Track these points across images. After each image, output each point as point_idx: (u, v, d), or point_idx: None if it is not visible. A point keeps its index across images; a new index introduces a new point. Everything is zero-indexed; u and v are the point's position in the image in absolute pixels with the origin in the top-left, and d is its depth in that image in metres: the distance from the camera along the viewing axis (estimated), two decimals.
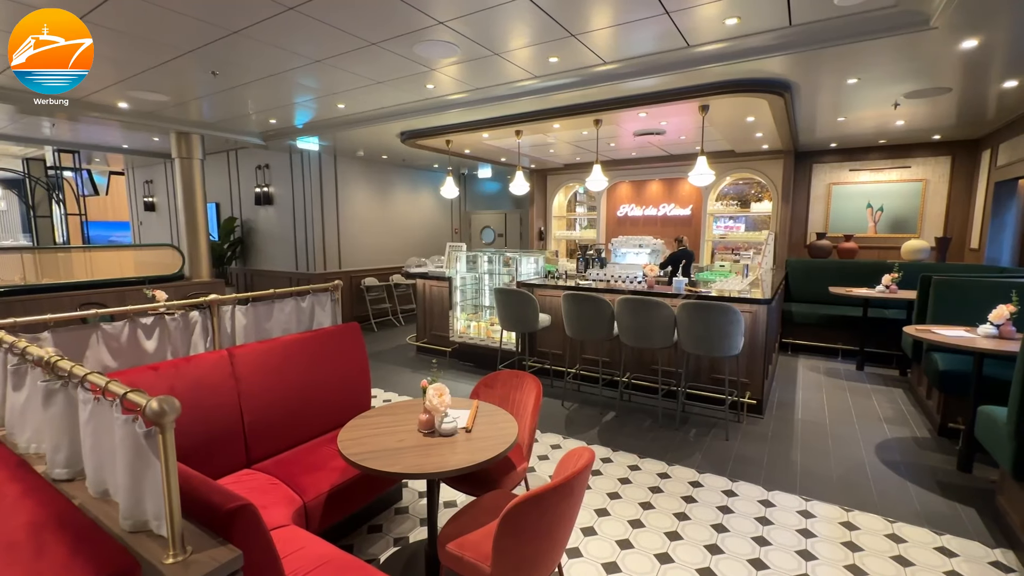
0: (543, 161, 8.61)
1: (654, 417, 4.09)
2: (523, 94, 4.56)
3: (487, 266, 6.01)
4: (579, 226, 10.18)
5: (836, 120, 5.37)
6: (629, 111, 4.78)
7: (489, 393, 2.74)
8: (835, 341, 5.99)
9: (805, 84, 4.08)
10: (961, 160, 6.45)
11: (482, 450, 1.91)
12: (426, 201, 9.86)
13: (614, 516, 2.69)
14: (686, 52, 3.60)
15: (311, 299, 2.92)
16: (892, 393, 4.70)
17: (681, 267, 6.43)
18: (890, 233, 6.93)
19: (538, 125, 5.39)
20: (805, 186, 7.43)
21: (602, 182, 5.29)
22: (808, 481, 3.06)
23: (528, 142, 6.75)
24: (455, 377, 5.27)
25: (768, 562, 2.32)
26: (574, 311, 4.19)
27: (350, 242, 8.14)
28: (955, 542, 2.47)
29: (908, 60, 3.50)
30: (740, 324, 3.56)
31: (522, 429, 2.44)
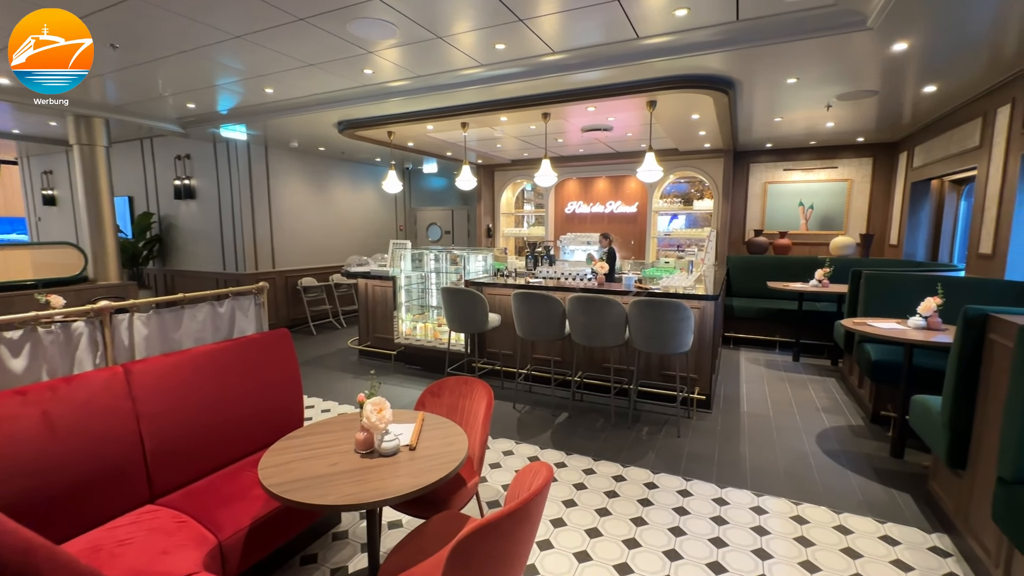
0: (490, 156, 8.42)
1: (607, 416, 4.03)
2: (469, 83, 4.35)
3: (434, 264, 5.76)
4: (527, 223, 10.09)
5: (773, 120, 5.56)
6: (577, 105, 4.68)
7: (436, 403, 2.53)
8: (773, 334, 6.22)
9: (748, 82, 4.14)
10: (881, 161, 6.90)
11: (428, 471, 1.71)
12: (368, 197, 9.41)
13: (571, 526, 2.56)
14: (635, 44, 3.53)
15: (231, 304, 2.58)
16: (826, 383, 4.91)
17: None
18: (820, 230, 7.32)
19: (485, 117, 5.20)
20: (743, 185, 7.71)
21: (551, 178, 5.18)
22: (758, 476, 3.08)
23: (475, 136, 6.54)
24: (400, 382, 4.99)
25: (726, 564, 2.27)
26: (525, 310, 4.05)
27: (285, 240, 7.60)
28: (896, 530, 2.54)
29: (843, 61, 3.61)
30: (690, 321, 3.54)
31: (472, 441, 2.25)
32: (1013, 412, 1.84)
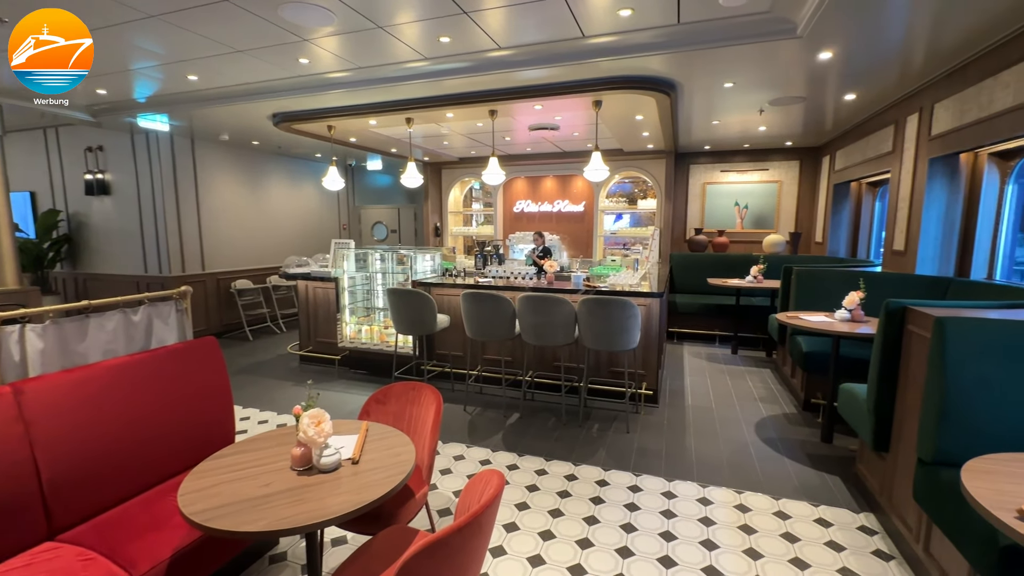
0: (437, 154, 8.26)
1: (558, 415, 4.03)
2: (413, 77, 4.21)
3: (379, 265, 5.55)
4: (476, 222, 10.00)
5: (711, 123, 5.78)
6: (524, 103, 4.65)
7: (381, 410, 2.41)
8: (713, 328, 6.50)
9: (688, 85, 4.27)
10: (807, 164, 7.37)
11: (372, 485, 1.60)
12: (308, 194, 8.97)
13: (524, 530, 2.52)
14: (580, 43, 3.53)
15: (147, 311, 2.33)
16: (762, 373, 5.17)
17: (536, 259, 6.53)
18: (754, 228, 7.72)
19: (430, 113, 5.07)
20: (684, 185, 8.00)
21: (499, 176, 5.13)
22: (703, 467, 3.18)
23: (420, 132, 6.38)
24: (345, 388, 4.77)
25: (676, 558, 2.30)
26: (474, 311, 3.97)
27: (216, 240, 7.09)
28: (829, 512, 2.68)
29: (775, 67, 3.79)
30: (637, 318, 3.60)
31: (420, 450, 2.15)
32: (930, 398, 1.97)
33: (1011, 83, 3.02)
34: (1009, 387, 1.81)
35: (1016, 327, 1.89)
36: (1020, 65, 2.94)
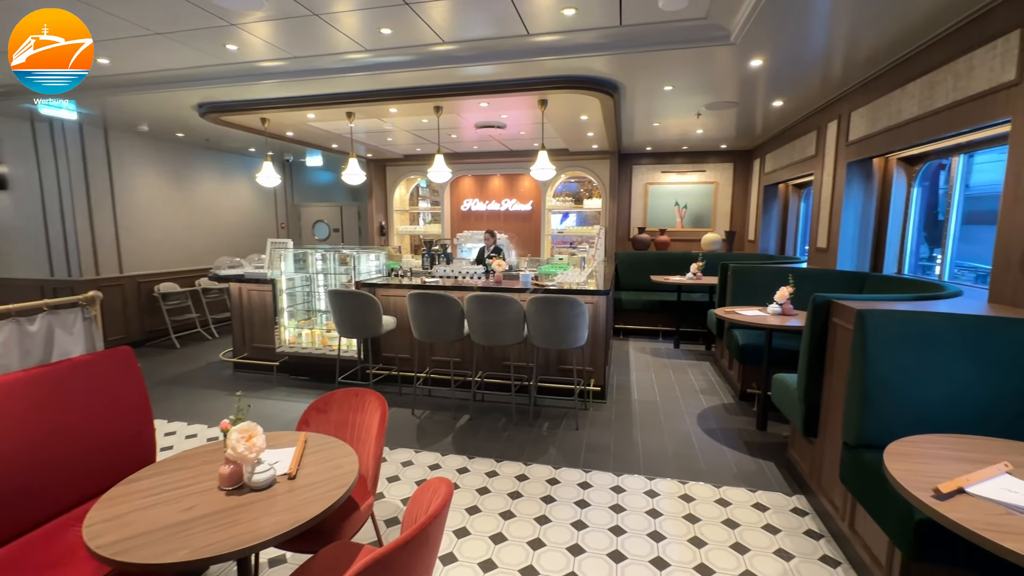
0: (381, 150, 8.02)
1: (508, 415, 4.01)
2: (353, 69, 4.04)
3: (320, 265, 5.31)
4: (423, 221, 9.82)
5: (652, 125, 5.96)
6: (470, 99, 4.59)
7: (322, 420, 2.28)
8: (657, 324, 6.72)
9: (630, 86, 4.37)
10: (740, 166, 7.78)
11: (311, 502, 1.50)
12: (241, 191, 8.45)
13: (475, 534, 2.47)
14: (526, 41, 3.52)
15: (46, 320, 2.08)
16: (702, 366, 5.40)
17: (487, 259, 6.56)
18: (693, 227, 8.06)
19: (372, 108, 4.89)
20: (627, 185, 8.22)
21: (445, 173, 5.04)
22: (650, 460, 3.26)
23: (362, 127, 6.16)
24: (284, 396, 4.51)
25: (625, 552, 2.34)
26: (421, 311, 3.87)
27: (136, 240, 6.51)
28: (765, 496, 2.82)
29: (711, 72, 3.95)
30: (585, 315, 3.64)
31: (364, 460, 2.06)
32: (854, 385, 2.11)
33: (916, 94, 3.30)
34: (922, 373, 1.96)
35: (925, 318, 2.05)
36: (923, 78, 3.21)
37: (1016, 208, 2.46)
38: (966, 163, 3.55)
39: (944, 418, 1.89)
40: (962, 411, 1.90)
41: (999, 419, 1.85)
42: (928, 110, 3.15)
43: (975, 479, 1.33)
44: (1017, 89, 2.46)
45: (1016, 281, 2.45)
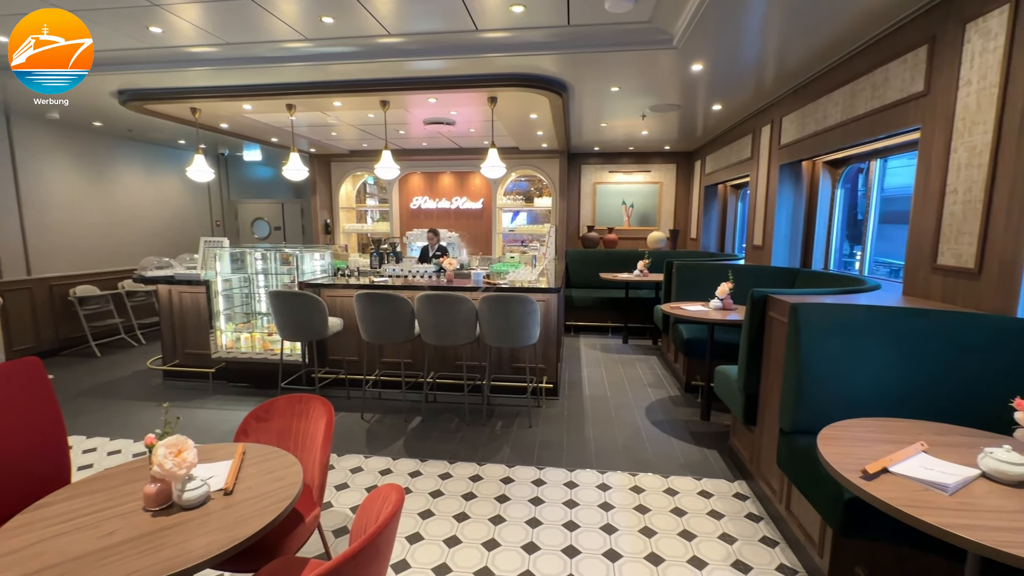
0: (325, 145, 7.71)
1: (462, 415, 3.96)
2: (293, 59, 3.85)
3: (260, 265, 5.03)
4: (372, 219, 9.55)
5: (600, 125, 6.08)
6: (418, 95, 4.50)
7: (263, 428, 2.15)
8: (606, 320, 6.88)
9: (579, 86, 4.43)
10: (682, 167, 8.10)
11: (249, 518, 1.40)
12: (170, 186, 7.88)
13: (428, 539, 2.42)
14: (474, 37, 3.48)
15: None
16: (650, 360, 5.58)
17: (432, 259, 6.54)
18: (640, 226, 8.31)
19: (315, 100, 4.69)
20: (577, 184, 8.36)
21: (392, 170, 4.91)
22: (601, 454, 3.32)
23: (305, 120, 5.89)
24: (221, 405, 4.25)
25: (579, 546, 2.36)
26: (370, 312, 3.75)
27: (46, 239, 5.92)
28: (709, 483, 2.95)
29: (655, 75, 4.07)
30: (537, 313, 3.66)
31: (310, 469, 1.96)
32: (789, 375, 2.23)
33: (840, 102, 3.55)
34: (848, 362, 2.10)
35: (850, 310, 2.20)
36: (846, 87, 3.46)
37: (925, 209, 2.69)
38: (882, 167, 3.86)
39: (869, 403, 2.03)
40: (884, 396, 2.06)
41: (915, 402, 2.02)
42: (850, 117, 3.39)
43: (897, 459, 1.43)
44: (926, 99, 2.69)
45: (926, 275, 2.69)
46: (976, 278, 2.34)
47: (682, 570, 2.20)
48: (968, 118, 2.38)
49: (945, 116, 2.53)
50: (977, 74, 2.33)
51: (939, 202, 2.57)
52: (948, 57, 2.52)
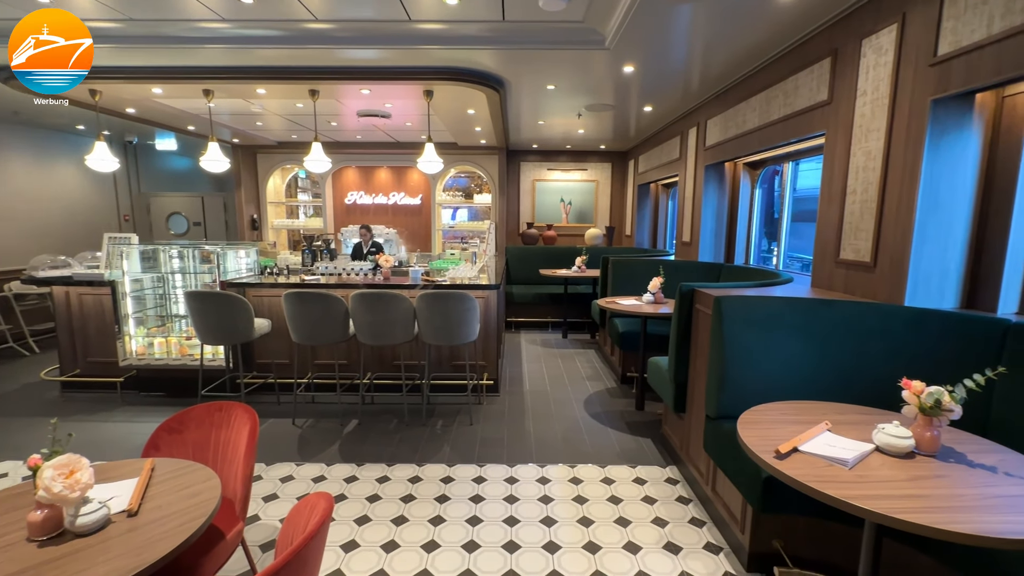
0: (250, 135, 7.24)
1: (400, 416, 3.87)
2: (210, 40, 3.57)
3: (177, 263, 4.64)
4: (304, 214, 9.09)
5: (537, 123, 6.14)
6: (350, 85, 4.32)
7: (176, 441, 1.98)
8: (546, 315, 6.98)
9: (515, 83, 4.44)
10: (617, 166, 8.36)
11: (158, 540, 1.28)
12: (68, 177, 7.08)
13: (365, 546, 2.33)
14: (408, 27, 3.39)
15: None
16: (588, 354, 5.72)
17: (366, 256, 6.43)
18: (577, 223, 8.50)
19: (235, 86, 4.38)
20: (516, 181, 8.40)
21: (324, 163, 4.69)
22: (541, 448, 3.36)
23: (225, 108, 5.50)
24: (132, 417, 3.88)
25: (520, 541, 2.38)
26: (300, 312, 3.56)
27: None
28: (643, 470, 3.07)
29: (589, 75, 4.16)
30: (476, 310, 3.64)
31: (231, 482, 1.83)
32: (713, 364, 2.36)
33: (757, 107, 3.79)
34: (766, 350, 2.25)
35: (767, 302, 2.36)
36: (762, 94, 3.70)
37: (829, 208, 2.94)
38: (794, 169, 4.18)
39: (784, 387, 2.19)
40: (796, 380, 2.22)
41: (823, 384, 2.20)
42: (766, 122, 3.64)
43: (805, 438, 1.55)
44: (829, 107, 2.93)
45: (831, 269, 2.94)
46: (872, 271, 2.58)
47: (618, 556, 2.27)
48: (864, 125, 2.63)
49: (845, 123, 2.77)
50: (871, 85, 2.57)
51: (841, 202, 2.82)
52: (848, 69, 2.77)
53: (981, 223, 2.32)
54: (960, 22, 2.08)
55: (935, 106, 2.23)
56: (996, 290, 2.27)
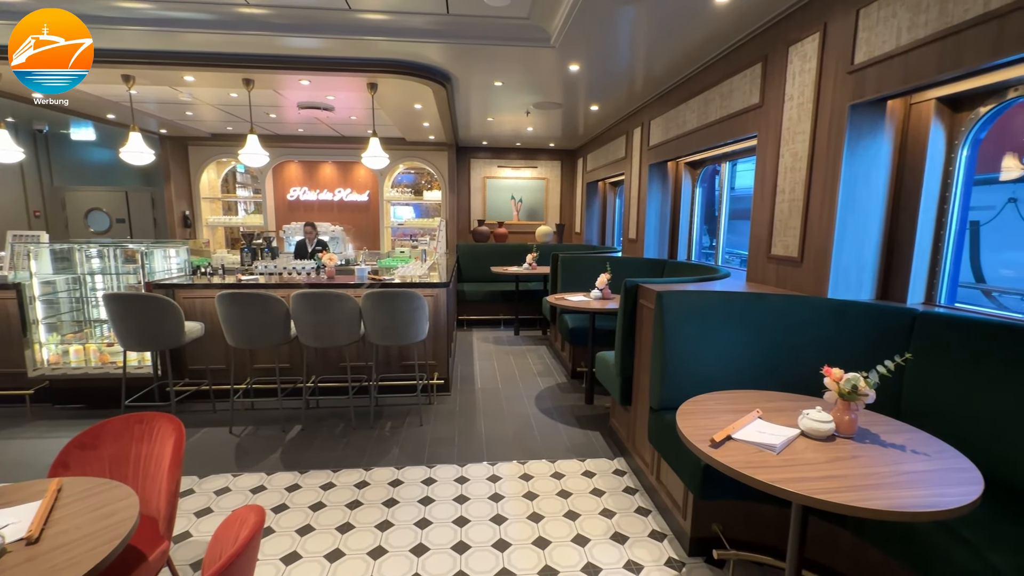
0: (180, 126, 6.77)
1: (347, 419, 3.75)
2: (131, 21, 3.30)
3: (97, 264, 4.28)
4: (243, 210, 8.62)
5: (486, 120, 6.11)
6: (288, 75, 4.12)
7: (90, 458, 1.81)
8: (498, 313, 6.98)
9: (463, 79, 4.39)
10: (567, 164, 8.48)
11: (63, 568, 1.16)
12: None
13: (307, 557, 2.24)
14: (349, 16, 3.27)
15: None
16: (539, 351, 5.77)
17: (311, 254, 6.25)
18: (528, 220, 8.55)
19: (160, 73, 4.07)
20: (466, 178, 8.34)
21: (260, 157, 4.45)
22: (492, 446, 3.35)
23: (150, 96, 5.12)
24: (43, 433, 3.54)
25: (469, 541, 2.35)
26: (235, 314, 3.37)
27: None
28: (592, 463, 3.12)
29: (536, 72, 4.17)
30: (424, 309, 3.57)
31: (154, 499, 1.70)
32: (656, 357, 2.43)
33: (696, 109, 3.94)
34: (705, 342, 2.34)
35: (706, 296, 2.46)
36: (701, 96, 3.85)
37: (762, 206, 3.10)
38: (731, 169, 4.38)
39: (721, 378, 2.29)
40: (733, 371, 2.33)
41: (757, 374, 2.31)
42: (704, 123, 3.79)
43: (738, 427, 1.62)
44: (761, 111, 3.08)
45: (764, 264, 3.10)
46: (799, 266, 2.74)
47: (566, 549, 2.30)
48: (791, 128, 2.78)
49: (775, 126, 2.93)
50: (797, 90, 2.73)
51: (772, 201, 2.98)
52: (777, 75, 2.92)
53: (893, 221, 2.51)
54: (873, 33, 2.24)
55: (853, 111, 2.39)
56: (906, 282, 2.47)
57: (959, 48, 1.87)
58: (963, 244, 2.46)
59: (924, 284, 2.48)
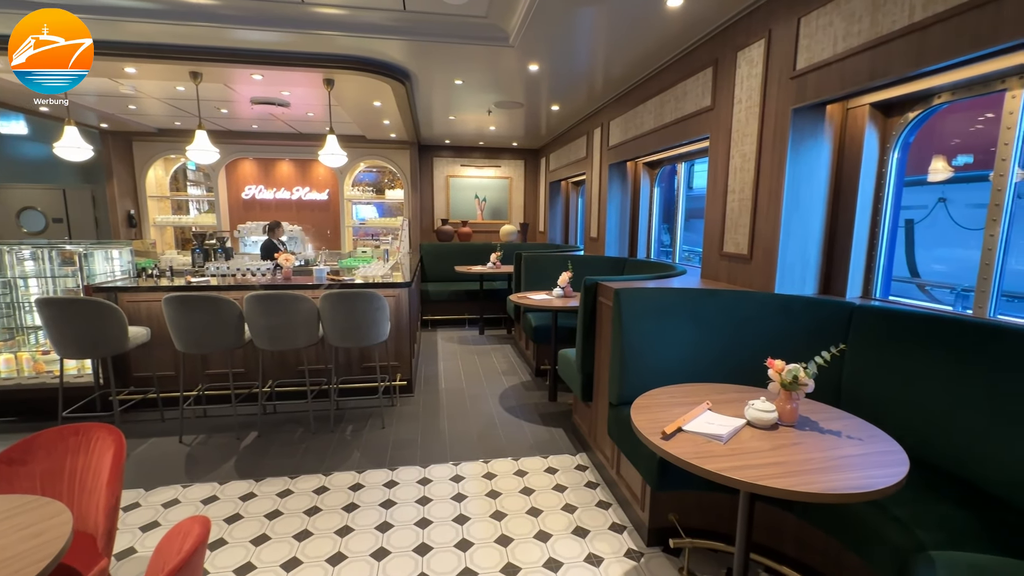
0: (123, 121, 6.41)
1: (306, 424, 3.65)
2: (67, 8, 3.08)
3: (30, 266, 4.01)
4: (196, 209, 8.25)
5: (448, 118, 6.07)
6: (239, 69, 3.97)
7: (18, 474, 1.70)
8: (463, 312, 6.95)
9: (423, 77, 4.34)
10: (530, 164, 8.52)
11: None
12: None
13: (262, 567, 2.17)
14: (303, 9, 3.18)
15: None
16: (504, 349, 5.78)
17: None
18: (492, 219, 8.55)
19: (98, 64, 3.83)
20: (429, 176, 8.26)
21: (210, 154, 4.27)
22: (456, 446, 3.34)
23: (88, 88, 4.83)
24: None
25: (432, 542, 2.34)
26: (183, 318, 3.22)
27: None
28: (555, 460, 3.16)
29: (496, 71, 4.17)
30: (385, 310, 3.52)
31: (91, 515, 1.61)
32: (615, 353, 2.48)
33: (653, 110, 4.04)
34: (660, 337, 2.41)
35: (662, 293, 2.53)
36: (657, 98, 3.95)
37: (714, 206, 3.21)
38: (687, 169, 4.51)
39: (676, 372, 2.35)
40: (686, 365, 2.40)
41: (710, 367, 2.39)
42: (660, 124, 3.89)
43: (688, 419, 1.68)
44: (712, 113, 3.19)
45: (716, 262, 3.21)
46: (749, 262, 2.86)
47: (529, 546, 2.32)
48: (740, 130, 2.89)
49: (726, 128, 3.04)
50: (745, 94, 2.84)
51: (723, 200, 3.09)
52: (726, 79, 3.03)
53: (833, 219, 2.65)
54: (813, 40, 2.35)
55: (795, 115, 2.51)
56: (845, 277, 2.61)
57: (888, 57, 1.99)
58: (896, 241, 2.62)
59: (861, 279, 2.63)
